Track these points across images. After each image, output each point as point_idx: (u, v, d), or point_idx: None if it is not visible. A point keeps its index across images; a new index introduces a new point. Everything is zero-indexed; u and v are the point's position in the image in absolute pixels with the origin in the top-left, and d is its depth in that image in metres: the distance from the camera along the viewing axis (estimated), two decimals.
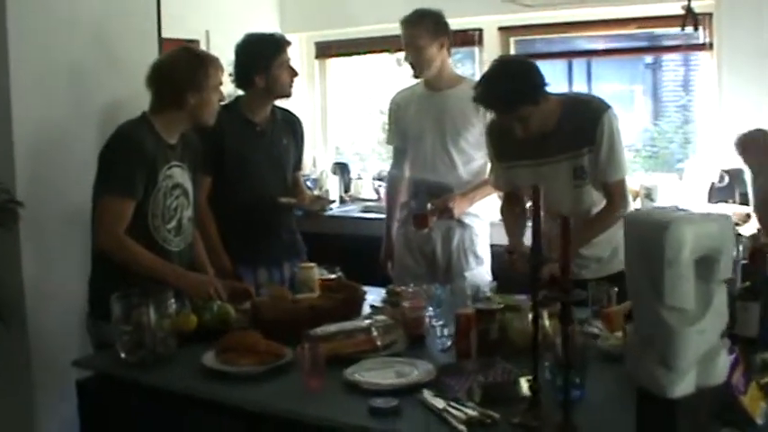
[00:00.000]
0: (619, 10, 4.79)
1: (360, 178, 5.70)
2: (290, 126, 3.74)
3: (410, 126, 3.81)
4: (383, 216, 4.16)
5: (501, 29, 5.17)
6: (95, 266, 2.95)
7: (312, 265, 3.19)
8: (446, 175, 3.70)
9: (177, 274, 2.88)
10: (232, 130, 3.41)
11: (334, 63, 6.02)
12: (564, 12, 4.88)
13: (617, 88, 5.69)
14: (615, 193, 3.03)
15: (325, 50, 5.83)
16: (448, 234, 3.74)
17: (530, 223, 3.18)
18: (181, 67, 2.92)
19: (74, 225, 3.32)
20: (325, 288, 3.00)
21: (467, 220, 3.74)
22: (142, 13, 3.82)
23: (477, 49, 5.31)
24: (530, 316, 2.51)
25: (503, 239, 3.79)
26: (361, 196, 5.60)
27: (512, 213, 3.33)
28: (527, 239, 3.23)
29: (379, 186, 5.43)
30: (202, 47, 4.65)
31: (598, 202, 3.07)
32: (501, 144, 3.18)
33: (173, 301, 2.56)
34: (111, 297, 2.48)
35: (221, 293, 2.86)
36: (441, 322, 2.70)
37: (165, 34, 3.96)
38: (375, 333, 2.47)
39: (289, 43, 3.57)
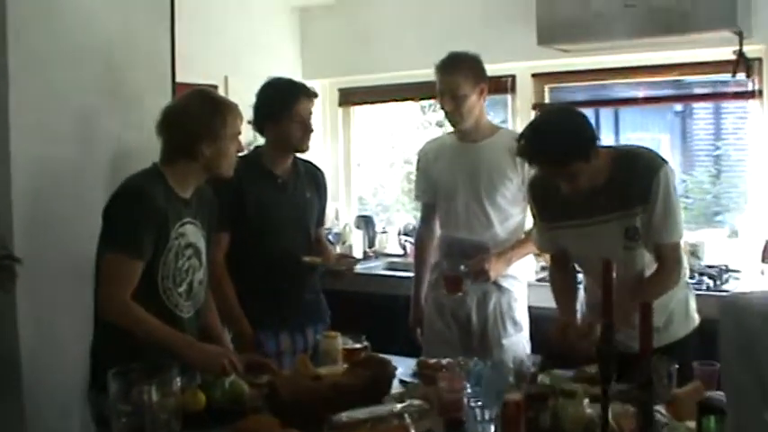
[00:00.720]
0: (659, 56, 4.51)
1: (385, 232, 5.44)
2: (313, 179, 3.48)
3: (441, 180, 3.53)
4: (410, 274, 3.88)
5: (535, 75, 4.90)
6: (97, 332, 2.67)
7: (336, 334, 2.92)
8: (481, 233, 3.41)
9: (188, 344, 2.60)
10: (252, 183, 3.16)
11: (357, 111, 5.78)
12: (601, 58, 4.60)
13: (644, 137, 5.42)
14: (670, 256, 2.75)
15: (349, 97, 5.58)
16: (483, 298, 3.44)
17: (582, 293, 3.02)
18: (194, 114, 2.66)
19: (77, 283, 2.98)
20: (351, 362, 2.69)
21: (504, 282, 3.43)
22: (155, 53, 3.56)
23: (509, 97, 5.04)
24: (585, 401, 2.23)
25: (541, 302, 3.51)
26: (387, 251, 5.34)
27: (562, 279, 3.03)
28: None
29: (406, 241, 5.19)
30: (221, 92, 4.43)
31: (650, 265, 2.78)
32: (544, 202, 2.91)
33: (179, 377, 2.26)
34: (108, 373, 2.19)
35: (237, 367, 2.57)
36: (480, 403, 2.40)
37: (180, 78, 3.69)
38: (408, 420, 2.16)
39: (311, 95, 3.30)
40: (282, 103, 3.23)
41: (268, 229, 3.27)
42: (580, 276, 3.07)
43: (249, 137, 3.26)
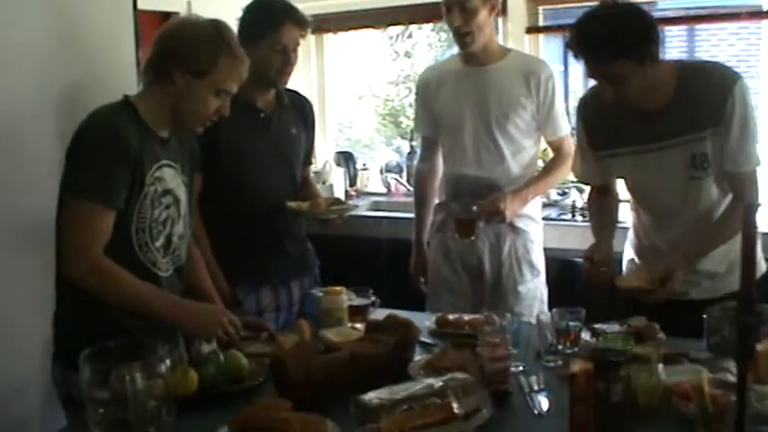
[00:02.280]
0: None
1: (366, 169, 5.02)
2: (300, 111, 3.06)
3: (445, 110, 3.12)
4: (396, 214, 3.49)
5: None
6: (61, 297, 2.26)
7: (340, 289, 2.53)
8: (492, 169, 3.04)
9: (175, 305, 2.23)
10: (230, 116, 2.67)
11: (332, 39, 5.31)
12: None
13: None
14: (746, 186, 2.39)
15: (323, 24, 5.01)
16: (497, 241, 3.07)
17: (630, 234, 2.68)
18: (189, 32, 2.24)
19: (31, 241, 2.60)
20: (367, 325, 2.30)
21: (520, 223, 3.07)
22: None
23: (500, 20, 4.57)
24: (659, 367, 1.87)
25: (556, 243, 3.14)
26: (369, 190, 4.95)
27: (603, 208, 2.69)
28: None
29: (390, 178, 4.79)
30: None
31: (718, 201, 2.43)
32: (596, 124, 2.55)
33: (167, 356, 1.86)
34: (80, 356, 1.78)
35: (237, 328, 2.20)
36: (523, 368, 2.08)
37: (142, 5, 3.22)
38: (452, 398, 1.77)
39: (302, 23, 2.85)
40: (265, 25, 2.80)
41: (247, 170, 2.88)
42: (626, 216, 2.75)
43: None
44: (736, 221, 2.33)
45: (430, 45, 6.52)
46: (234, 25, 2.70)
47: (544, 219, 3.30)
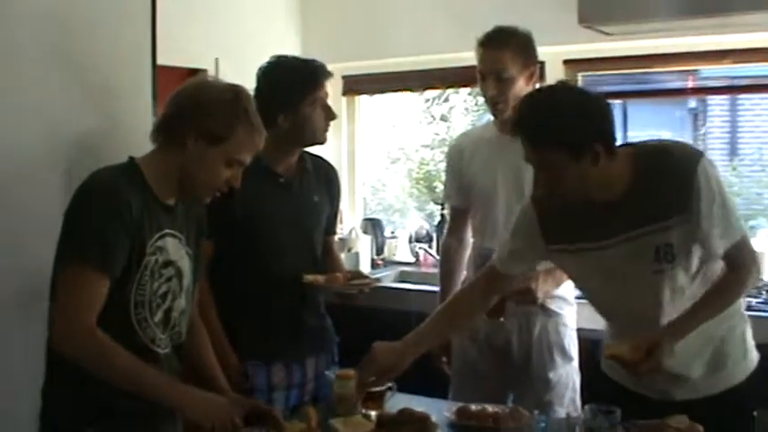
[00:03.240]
0: (709, 41, 3.91)
1: (394, 237, 4.84)
2: (324, 178, 2.90)
3: (477, 180, 2.94)
4: (425, 287, 3.30)
5: (568, 62, 4.27)
6: (51, 370, 2.10)
7: (351, 373, 2.35)
8: None
9: (179, 392, 2.07)
10: (245, 180, 2.49)
11: (364, 101, 5.18)
12: (643, 43, 4.01)
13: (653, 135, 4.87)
14: (741, 254, 2.16)
15: (355, 86, 4.91)
16: (526, 322, 2.87)
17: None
18: (210, 96, 2.11)
19: (27, 307, 2.43)
20: (381, 419, 2.10)
21: (552, 305, 2.86)
22: (133, 32, 2.93)
23: (538, 86, 4.42)
24: None
25: (586, 323, 2.92)
26: (396, 259, 4.76)
27: (472, 300, 2.50)
28: None
29: (419, 248, 4.61)
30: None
31: (687, 289, 2.18)
32: (549, 215, 2.29)
33: None
34: None
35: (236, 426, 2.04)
36: None
37: (163, 61, 3.08)
38: None
39: (328, 75, 2.75)
40: (303, 86, 2.67)
41: (262, 237, 2.72)
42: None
43: None
44: (732, 290, 2.17)
45: (466, 109, 6.39)
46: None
47: (576, 297, 3.08)
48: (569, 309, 2.92)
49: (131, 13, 2.89)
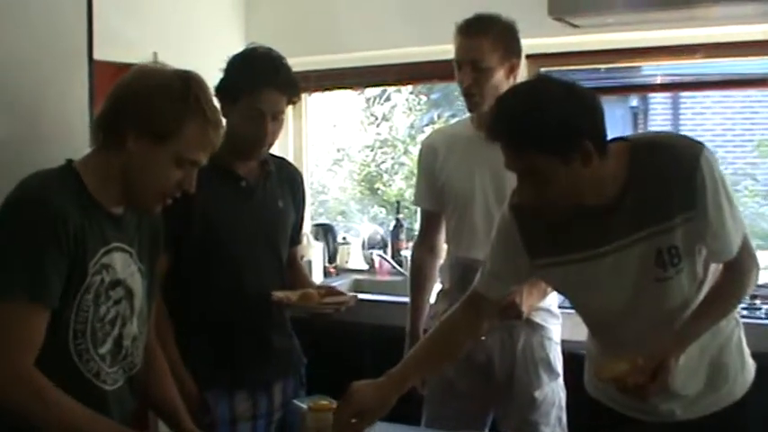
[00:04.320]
0: (680, 34, 3.72)
1: (346, 243, 4.57)
2: (289, 182, 2.64)
3: (452, 182, 2.71)
4: (379, 297, 3.28)
5: (530, 57, 4.05)
6: None
7: (328, 404, 2.10)
8: None
9: None
10: (204, 185, 2.18)
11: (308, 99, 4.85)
12: (610, 36, 3.81)
13: None
14: (742, 253, 1.96)
15: (303, 83, 4.59)
16: (509, 336, 2.66)
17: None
18: (152, 89, 1.80)
19: None
20: None
21: (537, 318, 2.65)
22: (66, 23, 2.60)
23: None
24: None
25: (568, 334, 2.69)
26: (349, 266, 4.50)
27: (459, 329, 2.22)
28: None
29: (373, 254, 4.36)
30: None
31: (691, 296, 1.97)
32: (533, 228, 2.05)
33: None
34: None
35: None
36: None
37: (100, 56, 2.76)
38: None
39: (281, 86, 2.43)
40: (242, 85, 2.40)
41: (223, 249, 2.44)
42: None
43: None
44: (734, 294, 1.99)
45: (409, 108, 6.21)
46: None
47: (560, 307, 2.86)
48: (555, 321, 2.72)
49: (63, 3, 2.57)
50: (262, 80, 2.38)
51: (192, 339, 2.39)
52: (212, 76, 2.49)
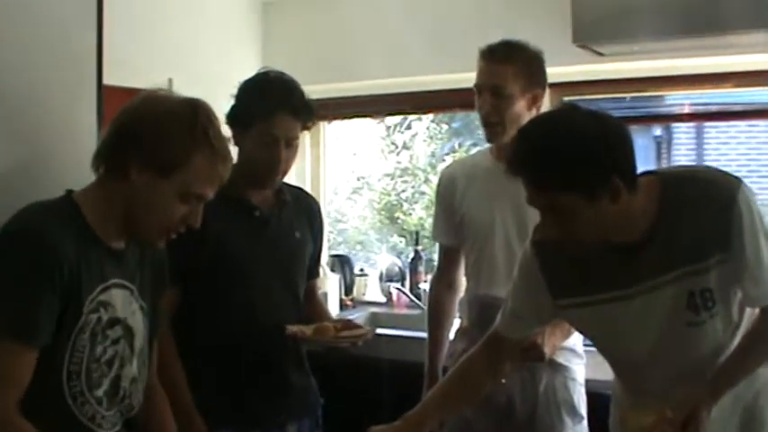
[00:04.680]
0: (709, 63, 3.60)
1: (364, 275, 4.46)
2: (306, 211, 2.56)
3: (472, 215, 2.61)
4: (398, 332, 3.25)
5: (553, 86, 3.93)
6: None
7: None
8: None
9: None
10: (215, 214, 2.12)
11: (327, 127, 4.80)
12: (638, 65, 3.69)
13: None
14: None
15: (321, 110, 4.49)
16: (531, 377, 2.54)
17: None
18: (159, 117, 1.72)
19: None
20: None
21: (560, 358, 2.53)
22: (75, 47, 2.49)
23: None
24: None
25: (597, 374, 2.55)
26: (366, 299, 4.38)
27: (479, 372, 2.12)
28: None
29: (391, 287, 4.25)
30: None
31: (725, 342, 1.86)
32: (555, 266, 1.94)
33: None
34: None
35: None
36: None
37: (112, 81, 2.68)
38: None
39: (295, 110, 2.36)
40: (254, 110, 2.32)
41: (237, 282, 2.35)
42: None
43: None
44: None
45: (430, 137, 6.14)
46: None
47: (584, 345, 2.74)
48: (578, 361, 2.60)
49: (73, 27, 2.48)
50: (275, 105, 2.31)
51: (203, 377, 2.29)
52: (227, 103, 2.43)
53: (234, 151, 2.33)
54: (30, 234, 1.61)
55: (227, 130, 2.34)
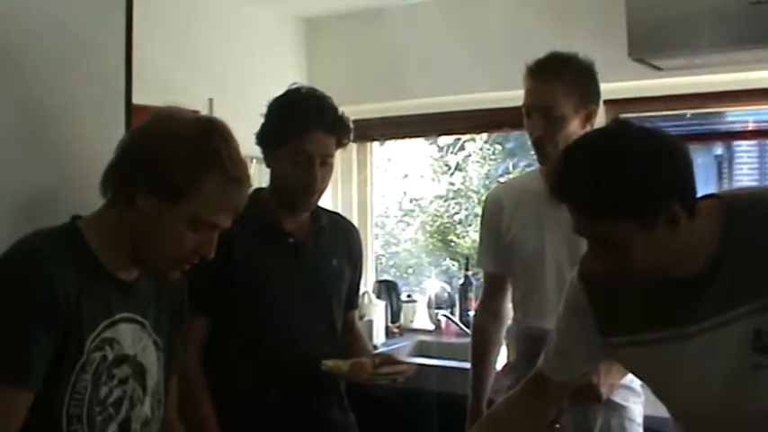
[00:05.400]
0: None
1: (412, 301, 4.30)
2: (344, 238, 2.43)
3: (520, 241, 2.43)
4: (446, 363, 3.05)
5: (608, 102, 3.75)
6: None
7: None
8: None
9: None
10: (246, 241, 2.05)
11: (375, 148, 4.69)
12: (698, 79, 3.48)
13: None
14: None
15: (367, 131, 4.30)
16: (585, 419, 2.33)
17: None
18: (168, 138, 1.57)
19: None
20: None
21: (616, 396, 2.32)
22: (104, 66, 2.36)
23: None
24: None
25: (654, 410, 2.37)
26: (414, 326, 4.22)
27: (521, 416, 1.92)
28: None
29: (440, 315, 4.08)
30: None
31: None
32: (606, 302, 1.75)
33: None
34: None
35: None
36: None
37: (145, 100, 2.57)
38: None
39: (329, 126, 2.23)
40: (286, 128, 2.19)
41: (269, 314, 2.22)
42: None
43: None
44: None
45: (483, 158, 6.01)
46: None
47: None
48: (636, 399, 2.39)
49: (102, 44, 2.38)
50: (308, 121, 2.19)
51: (233, 415, 2.16)
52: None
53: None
54: (23, 265, 1.48)
55: (256, 151, 2.25)
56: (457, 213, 5.92)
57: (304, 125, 2.19)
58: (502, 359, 2.70)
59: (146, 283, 1.67)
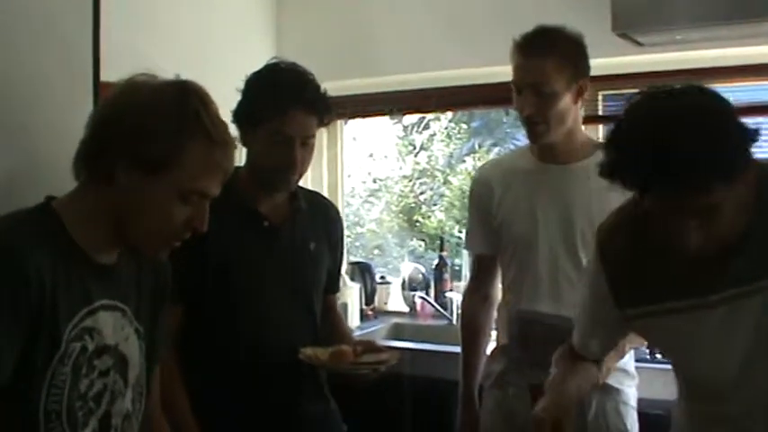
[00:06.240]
0: (749, 52, 3.33)
1: (386, 282, 4.22)
2: (323, 220, 2.33)
3: (511, 222, 2.36)
4: (422, 346, 3.02)
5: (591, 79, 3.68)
6: None
7: None
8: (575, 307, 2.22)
9: None
10: (221, 225, 1.90)
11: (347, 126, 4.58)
12: (675, 55, 3.43)
13: None
14: None
15: (339, 109, 4.24)
16: (580, 402, 2.24)
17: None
18: (147, 108, 1.47)
19: None
20: None
21: (611, 380, 2.26)
22: (69, 41, 2.31)
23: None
24: None
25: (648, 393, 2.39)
26: (389, 308, 4.14)
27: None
28: None
29: (415, 296, 4.00)
30: None
31: None
32: (626, 273, 1.70)
33: None
34: None
35: None
36: None
37: (111, 77, 2.45)
38: None
39: (309, 105, 2.13)
40: (264, 106, 2.09)
41: (243, 302, 2.13)
42: None
43: None
44: None
45: (449, 137, 6.01)
46: None
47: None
48: (630, 383, 2.35)
49: (67, 20, 2.28)
50: (287, 100, 2.10)
51: (208, 404, 2.07)
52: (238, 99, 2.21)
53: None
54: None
55: (233, 130, 2.14)
56: (422, 193, 5.90)
57: (284, 104, 2.10)
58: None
59: (126, 267, 1.57)
